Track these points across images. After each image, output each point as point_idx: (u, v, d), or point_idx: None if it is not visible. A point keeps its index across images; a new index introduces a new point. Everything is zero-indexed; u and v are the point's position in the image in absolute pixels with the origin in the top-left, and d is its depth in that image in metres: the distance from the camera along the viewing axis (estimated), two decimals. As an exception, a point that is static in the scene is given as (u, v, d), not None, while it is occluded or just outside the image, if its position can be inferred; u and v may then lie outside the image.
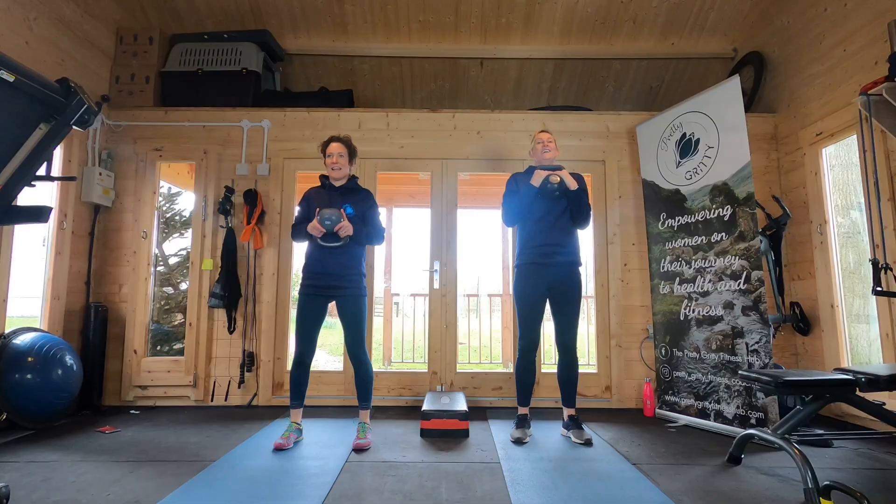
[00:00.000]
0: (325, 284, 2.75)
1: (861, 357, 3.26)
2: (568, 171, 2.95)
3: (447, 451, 2.63)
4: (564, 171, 2.92)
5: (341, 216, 2.72)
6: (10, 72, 1.77)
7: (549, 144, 3.04)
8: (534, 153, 3.10)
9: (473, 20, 4.26)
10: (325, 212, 2.71)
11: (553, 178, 2.86)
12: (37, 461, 2.42)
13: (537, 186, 2.90)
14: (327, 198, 2.86)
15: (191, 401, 3.64)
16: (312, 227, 2.72)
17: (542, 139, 3.06)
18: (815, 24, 3.52)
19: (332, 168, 2.85)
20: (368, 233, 2.85)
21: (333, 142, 2.86)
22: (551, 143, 3.05)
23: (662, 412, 3.39)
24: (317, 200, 2.87)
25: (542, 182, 2.88)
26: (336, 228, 2.69)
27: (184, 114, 3.90)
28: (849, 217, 3.36)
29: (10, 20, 3.06)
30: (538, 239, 2.90)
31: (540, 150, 3.04)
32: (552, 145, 3.05)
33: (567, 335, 2.87)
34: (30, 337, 2.98)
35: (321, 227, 2.69)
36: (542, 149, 3.03)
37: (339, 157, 2.84)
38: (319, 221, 2.69)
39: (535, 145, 3.08)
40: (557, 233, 2.90)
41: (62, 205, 3.46)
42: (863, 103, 2.69)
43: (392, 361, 6.22)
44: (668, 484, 2.17)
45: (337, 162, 2.83)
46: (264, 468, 2.34)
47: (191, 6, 4.11)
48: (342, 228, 2.70)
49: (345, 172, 2.88)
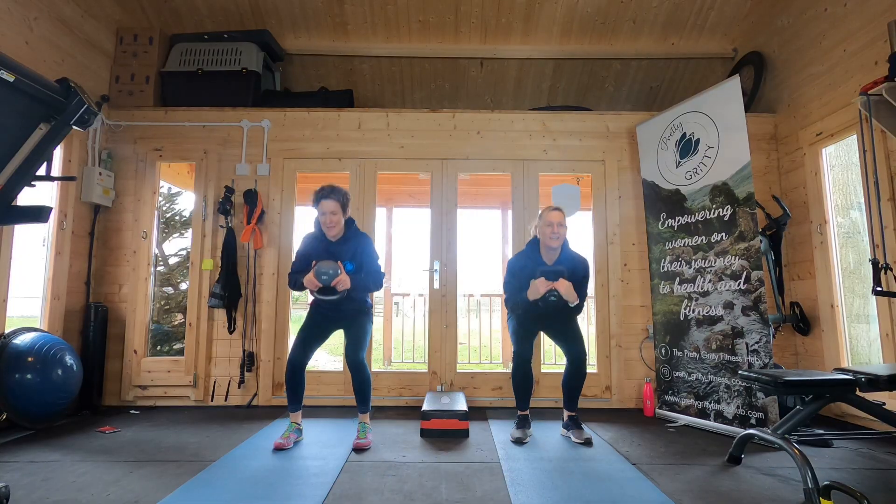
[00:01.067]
0: (332, 316, 2.81)
1: (861, 357, 3.26)
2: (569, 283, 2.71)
3: (447, 451, 2.63)
4: (565, 285, 2.70)
5: (338, 269, 2.64)
6: (10, 72, 1.77)
7: (559, 230, 2.78)
8: (540, 232, 2.85)
9: (473, 20, 4.26)
10: (321, 266, 2.62)
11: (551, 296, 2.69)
12: (37, 461, 2.42)
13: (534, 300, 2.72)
14: (324, 249, 2.78)
15: (191, 401, 3.64)
16: (309, 281, 2.65)
17: (553, 221, 2.78)
18: (815, 24, 3.52)
19: (327, 227, 2.73)
20: (366, 282, 2.78)
21: (324, 199, 2.71)
22: (561, 229, 2.79)
23: (662, 412, 3.39)
24: (313, 250, 2.80)
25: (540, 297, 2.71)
26: (333, 283, 2.62)
27: (184, 114, 3.90)
28: (849, 217, 3.36)
29: (10, 20, 3.06)
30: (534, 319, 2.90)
31: (548, 235, 2.79)
32: (562, 231, 2.79)
33: (575, 350, 2.84)
34: (30, 337, 2.98)
35: (318, 281, 2.62)
36: (550, 233, 2.78)
37: (332, 216, 2.71)
38: (316, 276, 2.62)
39: (544, 227, 2.81)
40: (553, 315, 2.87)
41: (62, 205, 3.46)
42: (863, 103, 2.69)
43: (392, 361, 6.22)
44: (668, 484, 2.17)
45: (330, 221, 2.71)
46: (264, 468, 2.34)
47: (191, 6, 4.10)
48: (340, 283, 2.63)
49: (339, 228, 2.77)
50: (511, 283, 2.89)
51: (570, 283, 2.72)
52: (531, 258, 2.89)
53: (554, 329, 2.93)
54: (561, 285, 2.69)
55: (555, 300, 2.71)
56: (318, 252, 2.79)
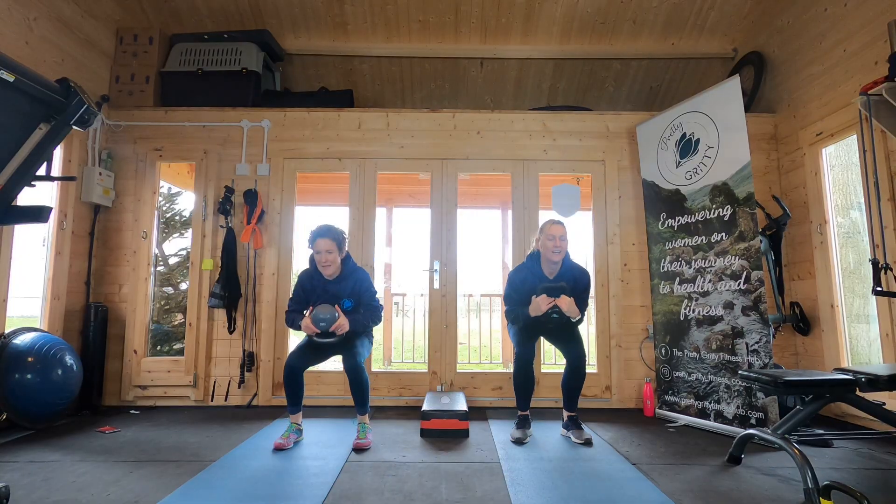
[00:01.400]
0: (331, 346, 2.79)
1: (861, 357, 3.26)
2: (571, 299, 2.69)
3: (447, 451, 2.63)
4: (567, 302, 2.67)
5: (336, 313, 2.62)
6: (10, 72, 1.77)
7: (561, 244, 2.76)
8: (542, 246, 2.82)
9: (473, 20, 4.26)
10: (319, 311, 2.61)
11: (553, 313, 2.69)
12: (37, 461, 2.42)
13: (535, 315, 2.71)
14: (322, 289, 2.77)
15: (191, 401, 3.64)
16: (306, 327, 2.65)
17: (555, 234, 2.75)
18: (815, 24, 3.52)
19: (322, 266, 2.71)
20: (365, 320, 2.77)
21: (320, 238, 2.70)
22: (563, 243, 2.77)
23: (662, 412, 3.39)
24: (310, 290, 2.79)
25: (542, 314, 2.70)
26: (332, 329, 2.62)
27: (184, 114, 3.90)
28: (849, 217, 3.36)
29: (10, 20, 3.06)
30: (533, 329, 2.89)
31: (550, 249, 2.77)
32: (564, 245, 2.78)
33: (575, 352, 2.84)
34: (30, 337, 2.98)
35: (316, 328, 2.62)
36: (553, 247, 2.76)
37: (328, 255, 2.69)
38: (314, 322, 2.61)
39: (546, 241, 2.78)
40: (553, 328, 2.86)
41: (62, 205, 3.46)
42: (863, 103, 2.69)
43: (392, 361, 6.22)
44: (668, 484, 2.17)
45: (326, 260, 2.70)
46: (264, 468, 2.34)
47: (191, 6, 4.10)
48: (338, 328, 2.63)
49: (335, 267, 2.75)
50: (512, 296, 2.90)
51: (572, 300, 2.70)
52: (532, 272, 2.88)
53: (554, 335, 2.94)
54: (563, 302, 2.68)
55: (557, 317, 2.71)
56: (315, 291, 2.78)
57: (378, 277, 4.63)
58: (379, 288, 2.95)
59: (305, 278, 2.83)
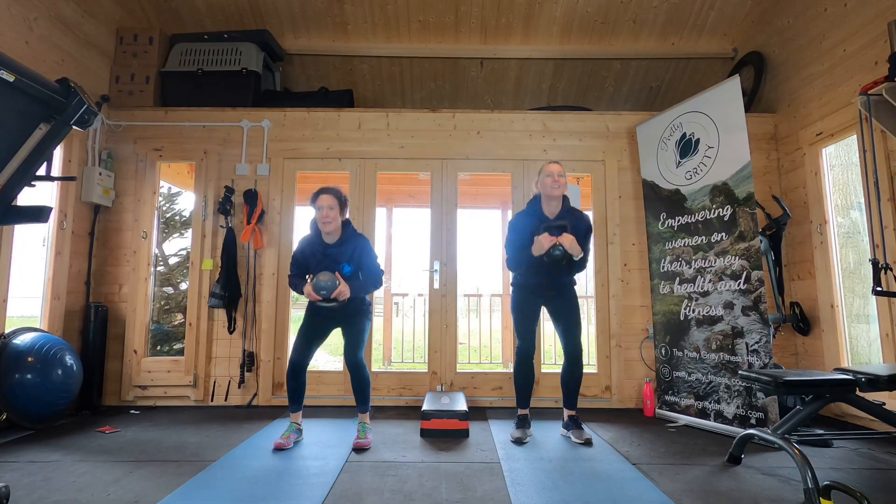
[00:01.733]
0: (330, 316, 2.80)
1: (861, 357, 3.26)
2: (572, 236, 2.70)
3: (447, 451, 2.63)
4: (569, 239, 2.69)
5: (336, 281, 2.64)
6: (10, 72, 1.77)
7: (560, 180, 2.78)
8: (541, 184, 2.84)
9: (473, 20, 4.26)
10: (320, 279, 2.62)
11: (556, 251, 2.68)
12: (37, 461, 2.42)
13: (538, 255, 2.70)
14: (322, 253, 2.78)
15: (191, 401, 3.64)
16: (308, 294, 2.67)
17: (553, 172, 2.79)
18: (815, 24, 3.52)
19: (323, 222, 2.71)
20: (366, 285, 2.78)
21: (323, 194, 2.71)
22: (562, 179, 2.79)
23: (662, 412, 3.39)
24: (310, 254, 2.79)
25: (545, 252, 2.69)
26: (333, 296, 2.63)
27: (184, 114, 3.90)
28: (849, 217, 3.36)
29: (10, 20, 3.06)
30: (535, 283, 2.87)
31: (549, 185, 2.79)
32: (563, 181, 2.79)
33: (571, 342, 2.85)
34: (30, 337, 2.98)
35: (317, 295, 2.63)
36: (551, 183, 2.78)
37: (329, 211, 2.69)
38: (315, 290, 2.62)
39: (545, 178, 2.81)
40: (555, 278, 2.85)
41: (62, 205, 3.46)
42: (863, 103, 2.69)
43: (392, 361, 6.22)
44: (668, 484, 2.17)
45: (327, 216, 2.69)
46: (264, 468, 2.34)
47: (191, 6, 4.11)
48: (339, 294, 2.64)
49: (336, 225, 2.75)
50: (514, 241, 2.88)
51: (574, 237, 2.72)
52: (533, 213, 2.89)
53: (556, 304, 2.88)
54: (565, 239, 2.69)
55: (559, 254, 2.70)
56: (315, 255, 2.78)
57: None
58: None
59: (305, 243, 2.83)
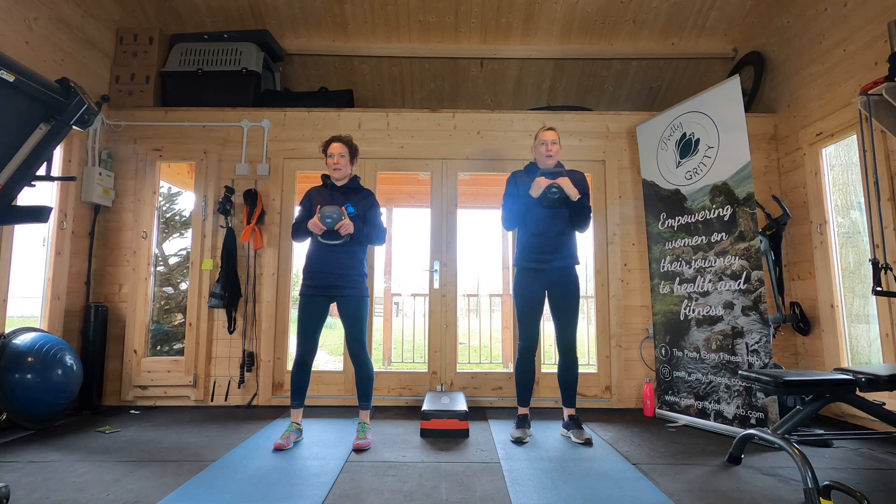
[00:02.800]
0: (326, 284, 2.75)
1: (861, 357, 3.26)
2: (568, 179, 2.82)
3: (447, 451, 2.63)
4: (565, 180, 2.79)
5: (342, 214, 2.70)
6: (10, 72, 1.77)
7: (553, 147, 2.89)
8: (536, 152, 2.96)
9: (473, 20, 4.26)
10: (326, 209, 2.69)
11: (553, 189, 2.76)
12: (37, 461, 2.42)
13: (536, 196, 2.82)
14: (329, 197, 2.86)
15: (191, 401, 3.64)
16: (313, 224, 2.71)
17: (546, 139, 2.90)
18: (815, 24, 3.52)
19: (334, 168, 2.84)
20: (369, 233, 2.83)
21: (335, 142, 2.85)
22: (555, 146, 2.90)
23: (662, 412, 3.39)
24: (318, 199, 2.86)
25: (542, 193, 2.79)
26: (337, 227, 2.68)
27: (184, 114, 3.90)
28: (849, 217, 3.36)
29: (10, 20, 3.06)
30: (536, 246, 2.88)
31: (543, 152, 2.90)
32: (556, 148, 2.90)
33: (566, 334, 2.86)
34: (30, 337, 2.98)
35: (322, 224, 2.68)
36: (545, 151, 2.89)
37: (340, 158, 2.83)
38: (320, 219, 2.68)
39: (539, 145, 2.92)
40: (555, 240, 2.87)
41: (62, 205, 3.46)
42: (863, 103, 2.69)
43: (392, 361, 6.22)
44: (668, 484, 2.17)
45: (338, 162, 2.83)
46: (264, 468, 2.34)
47: (191, 6, 4.11)
48: (343, 226, 2.69)
49: (346, 172, 2.88)
50: (511, 194, 2.97)
51: (570, 181, 2.82)
52: (530, 172, 2.99)
53: (557, 295, 2.87)
54: (562, 181, 2.78)
55: (556, 194, 2.77)
56: (322, 197, 2.87)
57: (378, 277, 4.63)
58: (379, 288, 2.95)
59: (314, 190, 2.93)
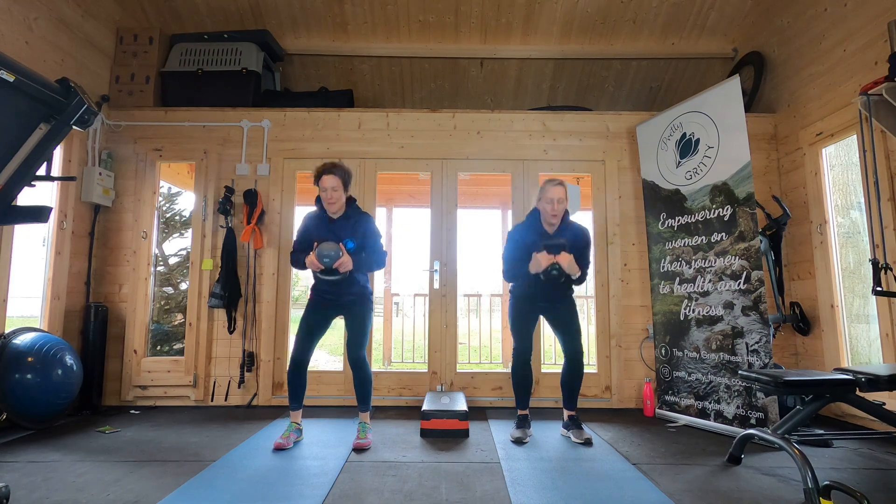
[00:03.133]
0: (333, 301, 2.78)
1: (861, 357, 3.26)
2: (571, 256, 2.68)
3: (447, 451, 2.63)
4: (567, 259, 2.66)
5: (340, 251, 2.63)
6: (10, 72, 1.77)
7: (559, 207, 2.73)
8: (540, 205, 2.80)
9: (473, 20, 4.26)
10: (323, 248, 2.62)
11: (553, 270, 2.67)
12: (37, 461, 2.42)
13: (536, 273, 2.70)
14: (326, 228, 2.77)
15: (191, 401, 3.64)
16: (311, 263, 2.66)
17: (553, 198, 2.72)
18: (815, 24, 3.52)
19: (328, 202, 2.72)
20: (369, 262, 2.76)
21: (326, 174, 2.69)
22: (561, 205, 2.74)
23: (662, 412, 3.39)
24: (315, 230, 2.79)
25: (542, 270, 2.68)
26: (335, 266, 2.62)
27: (184, 114, 3.90)
28: (849, 217, 3.36)
29: (10, 20, 3.06)
30: (533, 287, 2.84)
31: (549, 210, 2.75)
32: (562, 208, 2.75)
33: (572, 346, 2.85)
34: (30, 337, 2.98)
35: (320, 264, 2.62)
36: (551, 210, 2.74)
37: (333, 192, 2.69)
38: (318, 258, 2.61)
39: (545, 203, 2.75)
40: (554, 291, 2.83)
41: (62, 205, 3.46)
42: (863, 103, 2.69)
43: (392, 361, 6.22)
44: (668, 484, 2.17)
45: (331, 197, 2.69)
46: (264, 468, 2.34)
47: (191, 6, 4.10)
48: (342, 265, 2.63)
49: (340, 204, 2.76)
50: (512, 253, 2.86)
51: (572, 257, 2.70)
52: (532, 227, 2.87)
53: (554, 314, 2.88)
54: (563, 259, 2.67)
55: (556, 273, 2.68)
56: (319, 230, 2.79)
57: (378, 277, 4.63)
58: (379, 288, 2.95)
59: (310, 218, 2.84)
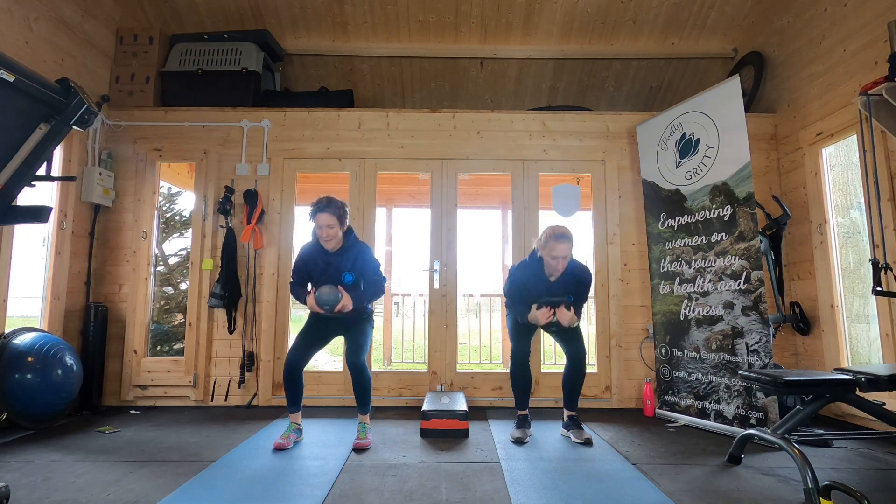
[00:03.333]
0: (334, 324, 2.82)
1: (861, 357, 3.26)
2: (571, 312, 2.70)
3: (447, 451, 2.63)
4: (566, 315, 2.68)
5: (339, 294, 2.63)
6: (10, 72, 1.77)
7: (563, 263, 2.74)
8: (544, 253, 2.78)
9: (473, 20, 4.26)
10: (322, 293, 2.62)
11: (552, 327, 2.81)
12: (37, 461, 2.42)
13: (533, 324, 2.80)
14: (323, 260, 2.77)
15: (191, 401, 3.64)
16: (311, 307, 2.68)
17: (559, 255, 2.71)
18: (815, 24, 3.52)
19: (324, 240, 2.71)
20: (368, 295, 2.77)
21: (321, 212, 2.66)
22: (566, 260, 2.74)
23: (662, 412, 3.39)
24: (312, 263, 2.78)
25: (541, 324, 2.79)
26: (336, 310, 2.64)
27: (184, 114, 3.90)
28: (849, 217, 3.36)
29: (10, 20, 3.06)
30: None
31: (553, 265, 2.75)
32: (566, 262, 2.75)
33: (574, 348, 2.86)
34: (30, 337, 2.98)
35: (320, 309, 2.64)
36: (554, 265, 2.74)
37: (329, 230, 2.68)
38: (318, 303, 2.63)
39: (549, 258, 2.75)
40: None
41: (62, 205, 3.46)
42: (863, 103, 2.69)
43: (392, 361, 6.22)
44: (668, 484, 2.17)
45: (327, 234, 2.69)
46: (264, 468, 2.34)
47: (191, 6, 4.10)
48: (342, 308, 2.64)
49: (337, 240, 2.74)
50: (513, 293, 2.92)
51: (573, 313, 2.71)
52: (534, 272, 2.87)
53: (554, 329, 2.94)
54: (563, 317, 2.70)
55: (555, 330, 2.83)
56: (316, 263, 2.78)
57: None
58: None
59: (307, 251, 2.82)
